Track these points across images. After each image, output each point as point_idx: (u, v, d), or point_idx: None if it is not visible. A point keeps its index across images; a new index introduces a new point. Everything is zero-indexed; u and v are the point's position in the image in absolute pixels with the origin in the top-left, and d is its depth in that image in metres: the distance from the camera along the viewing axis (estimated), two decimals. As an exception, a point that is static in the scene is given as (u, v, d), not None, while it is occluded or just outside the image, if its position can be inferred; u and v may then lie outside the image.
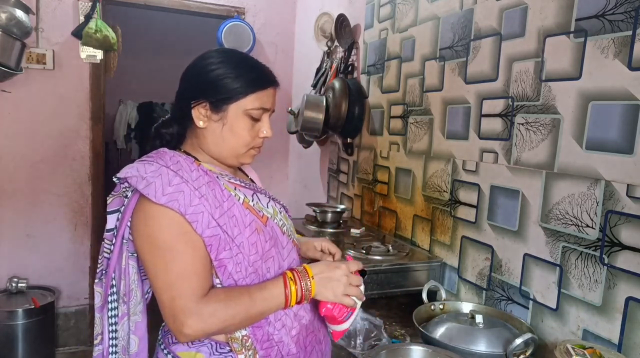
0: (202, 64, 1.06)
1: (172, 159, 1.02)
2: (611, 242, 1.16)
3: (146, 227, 0.96)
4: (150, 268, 0.96)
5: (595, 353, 1.08)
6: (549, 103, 1.34)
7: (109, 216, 1.06)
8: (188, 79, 1.08)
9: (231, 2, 3.32)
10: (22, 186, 2.93)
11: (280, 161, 3.61)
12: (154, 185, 0.95)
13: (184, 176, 0.99)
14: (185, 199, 0.96)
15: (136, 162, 1.03)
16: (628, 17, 1.13)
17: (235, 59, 1.06)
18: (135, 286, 1.05)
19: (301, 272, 1.01)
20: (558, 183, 1.31)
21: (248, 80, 1.03)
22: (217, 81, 1.02)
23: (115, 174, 1.02)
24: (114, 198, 1.06)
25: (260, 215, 1.08)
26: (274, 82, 1.08)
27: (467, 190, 1.67)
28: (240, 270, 1.00)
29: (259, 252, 1.03)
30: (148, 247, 0.96)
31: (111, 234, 1.05)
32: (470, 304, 1.51)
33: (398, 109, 2.13)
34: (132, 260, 1.04)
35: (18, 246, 2.96)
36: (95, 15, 2.89)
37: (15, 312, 2.69)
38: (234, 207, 1.02)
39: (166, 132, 1.11)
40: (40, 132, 2.94)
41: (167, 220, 0.95)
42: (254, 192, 1.12)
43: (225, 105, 1.02)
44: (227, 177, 1.08)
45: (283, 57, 3.51)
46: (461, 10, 1.72)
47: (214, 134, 1.05)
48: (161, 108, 5.64)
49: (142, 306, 1.06)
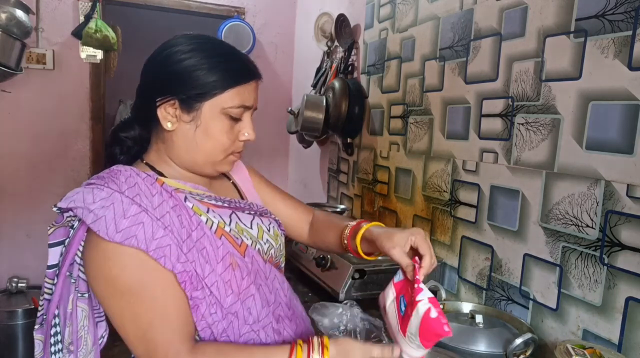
0: (168, 52, 0.87)
1: (127, 181, 0.83)
2: (611, 242, 1.16)
3: (102, 269, 0.79)
4: (114, 316, 0.80)
5: (595, 353, 1.08)
6: (549, 103, 1.34)
7: (51, 250, 0.87)
8: (151, 71, 0.90)
9: (231, 2, 3.32)
10: (22, 186, 2.93)
11: (280, 161, 3.61)
12: (105, 219, 0.77)
13: (142, 203, 0.80)
14: (145, 233, 0.78)
15: (83, 185, 0.84)
16: (628, 17, 1.13)
17: (208, 46, 0.88)
18: (85, 333, 0.88)
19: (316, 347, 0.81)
20: (558, 183, 1.31)
21: (225, 73, 0.86)
22: (188, 73, 0.85)
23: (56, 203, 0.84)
24: (56, 229, 0.87)
25: (238, 243, 0.91)
26: (256, 74, 0.91)
27: (467, 190, 1.67)
28: (216, 311, 0.84)
29: (235, 292, 0.87)
30: (108, 292, 0.79)
31: (52, 272, 0.87)
32: (470, 304, 1.51)
33: (398, 109, 2.13)
34: (81, 301, 0.87)
35: (18, 246, 2.96)
36: (95, 15, 2.89)
37: (15, 312, 2.69)
38: (204, 238, 0.85)
39: (126, 137, 0.93)
40: (40, 132, 2.94)
41: (126, 260, 0.78)
42: (233, 210, 0.94)
43: (198, 102, 0.85)
44: (198, 196, 0.90)
45: (283, 57, 3.51)
46: (461, 10, 1.72)
47: (185, 137, 0.87)
48: (161, 108, 5.64)
49: (93, 355, 0.90)
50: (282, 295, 0.99)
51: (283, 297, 1.00)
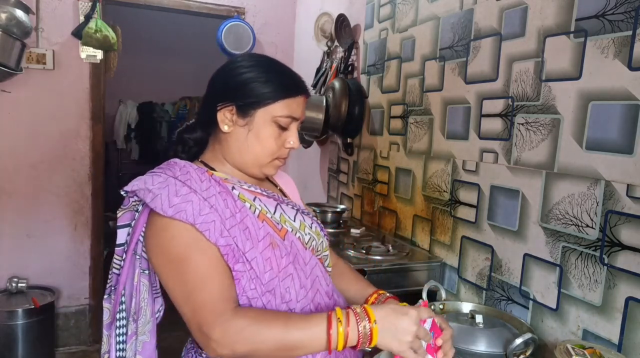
0: (231, 66, 1.02)
1: (181, 170, 0.98)
2: (611, 242, 1.16)
3: (157, 240, 0.92)
4: (167, 282, 0.92)
5: (595, 353, 1.08)
6: (549, 103, 1.34)
7: (119, 231, 1.01)
8: (216, 81, 1.04)
9: (231, 2, 3.31)
10: (22, 186, 2.93)
11: (280, 161, 3.60)
12: (160, 197, 0.91)
13: (192, 186, 0.94)
14: (194, 209, 0.91)
15: (147, 174, 0.99)
16: (628, 17, 1.13)
17: (266, 63, 1.03)
18: (145, 304, 1.00)
19: (360, 313, 0.84)
20: (558, 183, 1.31)
21: (278, 86, 0.99)
22: (246, 84, 0.98)
23: (123, 187, 0.97)
24: (124, 212, 1.01)
25: (279, 228, 1.01)
26: (305, 90, 1.04)
27: (467, 190, 1.67)
28: (255, 287, 0.92)
29: (274, 269, 0.95)
30: (162, 261, 0.92)
31: (121, 249, 1.01)
32: (470, 304, 1.51)
33: (398, 109, 2.13)
34: (143, 277, 1.00)
35: (18, 246, 2.96)
36: (95, 15, 2.88)
37: (15, 312, 2.69)
38: (246, 219, 0.96)
39: (189, 138, 1.07)
40: (40, 132, 2.93)
41: (176, 231, 0.90)
42: (279, 203, 1.05)
43: (252, 110, 0.98)
44: (246, 185, 1.02)
45: (283, 57, 3.50)
46: (461, 10, 1.72)
47: (239, 140, 1.00)
48: (161, 108, 5.64)
49: (150, 325, 1.02)
50: (323, 284, 1.04)
51: (325, 286, 1.04)
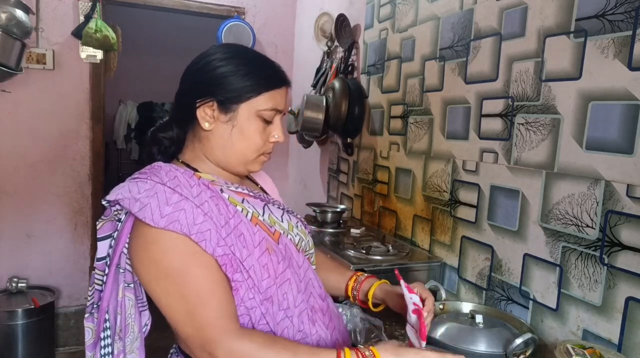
0: (207, 59, 0.95)
1: (168, 175, 0.90)
2: (611, 242, 1.16)
3: (148, 254, 0.85)
4: (161, 298, 0.85)
5: (595, 353, 1.08)
6: (549, 103, 1.34)
7: (100, 243, 0.94)
8: (192, 76, 0.97)
9: (231, 2, 3.32)
10: (22, 186, 2.93)
11: (280, 161, 3.60)
12: (150, 206, 0.84)
13: (183, 192, 0.87)
14: (187, 218, 0.84)
15: (127, 180, 0.91)
16: (628, 17, 1.13)
17: (243, 54, 0.97)
18: (132, 320, 0.93)
19: (368, 356, 0.82)
20: (558, 183, 1.31)
21: (260, 78, 0.94)
22: (227, 78, 0.92)
23: (104, 196, 0.90)
24: (104, 223, 0.94)
25: (272, 231, 0.97)
26: (287, 80, 1.00)
27: (467, 190, 1.67)
28: (253, 296, 0.89)
29: (272, 276, 0.92)
30: (154, 276, 0.85)
31: (103, 263, 0.94)
32: (470, 304, 1.51)
33: (398, 109, 2.13)
34: (128, 291, 0.93)
35: (18, 246, 2.96)
36: (95, 15, 2.89)
37: (15, 312, 2.69)
38: (241, 225, 0.91)
39: (164, 137, 1.00)
40: (40, 132, 2.94)
41: (170, 243, 0.84)
42: (265, 203, 1.01)
43: (235, 104, 0.93)
44: (233, 186, 0.97)
45: (283, 57, 3.50)
46: (461, 10, 1.72)
47: (222, 137, 0.94)
48: (161, 108, 5.64)
49: (139, 342, 0.95)
50: (316, 286, 1.03)
51: (317, 288, 1.03)
